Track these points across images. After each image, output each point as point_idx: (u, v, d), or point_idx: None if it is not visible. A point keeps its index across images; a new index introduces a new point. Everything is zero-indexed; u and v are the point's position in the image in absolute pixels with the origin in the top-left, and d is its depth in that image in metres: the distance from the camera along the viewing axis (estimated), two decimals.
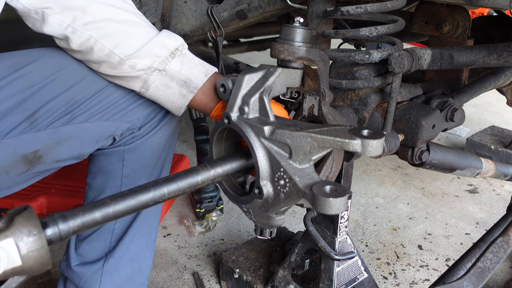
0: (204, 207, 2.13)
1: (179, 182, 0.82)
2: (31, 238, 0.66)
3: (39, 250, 0.66)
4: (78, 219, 0.72)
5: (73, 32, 1.04)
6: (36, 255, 0.66)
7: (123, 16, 1.07)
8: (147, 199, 0.79)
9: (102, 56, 1.05)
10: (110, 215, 0.75)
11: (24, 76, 1.05)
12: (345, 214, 1.40)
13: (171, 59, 1.06)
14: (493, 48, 1.18)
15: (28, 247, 0.65)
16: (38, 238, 0.66)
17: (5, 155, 1.03)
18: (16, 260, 0.65)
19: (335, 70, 1.24)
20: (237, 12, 1.59)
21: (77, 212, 0.72)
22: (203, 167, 0.86)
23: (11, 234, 0.65)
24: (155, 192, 0.79)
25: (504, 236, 1.38)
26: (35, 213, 0.68)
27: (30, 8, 1.04)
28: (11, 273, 0.65)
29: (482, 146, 2.73)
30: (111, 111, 1.13)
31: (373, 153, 0.73)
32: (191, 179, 0.83)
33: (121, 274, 1.29)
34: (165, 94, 1.09)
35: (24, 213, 0.67)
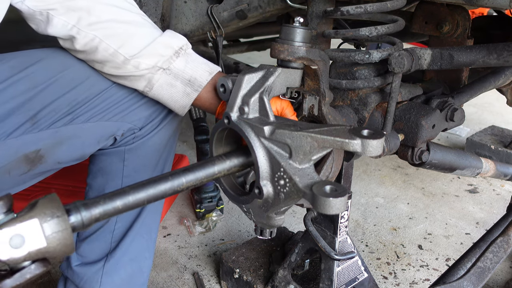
0: (204, 207, 2.13)
1: (196, 172, 0.83)
2: (55, 219, 0.66)
3: (63, 232, 0.66)
4: (100, 207, 0.73)
5: (78, 32, 1.04)
6: (60, 237, 0.66)
7: (128, 16, 1.07)
8: (166, 188, 0.80)
9: (107, 56, 1.05)
10: (131, 203, 0.76)
11: (27, 77, 1.05)
12: (345, 214, 1.40)
13: (175, 58, 1.06)
14: (493, 48, 1.18)
15: (53, 228, 0.66)
16: (62, 220, 0.66)
17: (7, 155, 1.04)
18: (41, 241, 0.65)
19: (335, 70, 1.24)
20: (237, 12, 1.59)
21: (99, 200, 0.73)
22: (219, 158, 0.87)
23: (35, 215, 0.65)
24: (173, 182, 0.81)
25: (504, 236, 1.38)
26: (57, 197, 0.69)
27: (35, 10, 1.05)
28: (36, 254, 0.65)
29: (482, 146, 2.73)
30: (112, 111, 1.13)
31: (373, 153, 0.73)
32: (208, 169, 0.85)
33: (121, 274, 1.30)
34: (169, 93, 1.09)
35: (47, 197, 0.68)
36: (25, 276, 0.67)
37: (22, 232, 0.64)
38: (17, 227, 0.64)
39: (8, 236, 0.63)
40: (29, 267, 0.67)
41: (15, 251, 0.64)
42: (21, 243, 0.64)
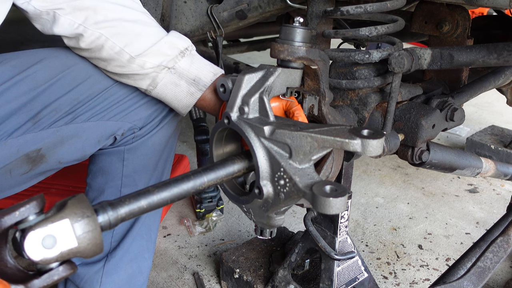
0: (204, 207, 2.13)
1: (217, 171, 0.85)
2: (85, 219, 0.67)
3: (93, 232, 0.67)
4: (126, 207, 0.73)
5: (84, 30, 1.05)
6: (91, 237, 0.67)
7: (134, 15, 1.08)
8: (188, 187, 0.81)
9: (112, 54, 1.05)
10: (155, 203, 0.77)
11: (29, 77, 1.06)
12: (345, 214, 1.40)
13: (180, 57, 1.07)
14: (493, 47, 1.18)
15: (83, 228, 0.66)
16: (92, 220, 0.67)
17: (9, 155, 1.04)
18: (72, 241, 0.65)
19: (335, 70, 1.24)
20: (236, 12, 1.59)
21: (124, 200, 0.74)
22: (239, 157, 0.89)
23: (66, 215, 0.65)
24: (196, 181, 0.82)
25: (504, 235, 1.38)
26: (86, 197, 0.70)
27: (41, 10, 1.06)
28: (67, 254, 0.66)
29: (482, 145, 2.73)
30: (113, 111, 1.13)
31: (373, 153, 0.73)
32: (229, 168, 0.87)
33: (121, 274, 1.30)
34: (172, 92, 1.09)
35: (76, 197, 0.69)
36: (53, 277, 0.68)
37: (54, 232, 0.64)
38: (49, 227, 0.64)
39: (41, 236, 0.64)
40: (57, 269, 0.68)
41: (47, 252, 0.64)
42: (53, 244, 0.64)
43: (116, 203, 0.73)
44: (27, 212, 0.65)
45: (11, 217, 0.65)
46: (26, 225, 0.65)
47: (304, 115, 0.98)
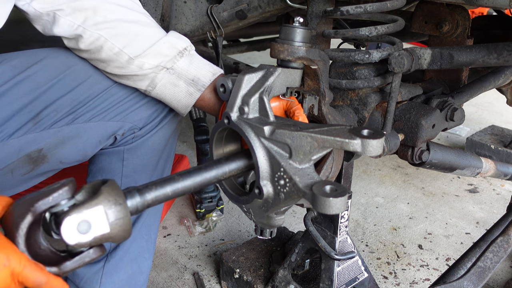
0: (204, 207, 2.13)
1: (238, 162, 0.88)
2: (118, 207, 0.69)
3: (124, 219, 0.70)
4: (152, 193, 0.76)
5: (83, 31, 1.05)
6: (122, 223, 0.70)
7: (133, 16, 1.08)
8: (211, 176, 0.84)
9: (111, 55, 1.06)
10: (179, 190, 0.80)
11: (30, 78, 1.06)
12: (345, 214, 1.40)
13: (179, 58, 1.07)
14: (492, 47, 1.18)
15: (116, 215, 0.69)
16: (123, 207, 0.70)
17: (10, 155, 1.05)
18: (105, 227, 0.68)
19: (335, 70, 1.24)
20: (236, 12, 1.59)
21: (151, 187, 0.76)
22: None
23: (100, 202, 0.68)
24: (218, 170, 0.85)
25: (504, 235, 1.38)
26: (117, 184, 0.72)
27: (42, 12, 1.06)
28: (100, 239, 0.69)
29: (482, 145, 2.73)
30: (114, 111, 1.13)
31: (373, 152, 0.73)
32: (249, 160, 0.88)
33: (121, 275, 1.30)
34: (171, 93, 1.10)
35: (109, 184, 0.71)
36: (84, 259, 0.71)
37: (89, 218, 0.67)
38: (84, 213, 0.67)
39: (76, 222, 0.66)
40: (88, 251, 0.71)
41: (82, 236, 0.67)
42: (88, 229, 0.67)
43: (143, 190, 0.75)
44: (60, 197, 0.69)
45: (45, 202, 0.68)
46: (58, 209, 0.69)
47: (305, 115, 0.98)
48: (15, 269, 0.67)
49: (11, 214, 0.70)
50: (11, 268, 0.67)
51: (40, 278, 0.69)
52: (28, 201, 0.69)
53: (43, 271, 0.69)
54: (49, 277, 0.70)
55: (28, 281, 0.68)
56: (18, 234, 0.68)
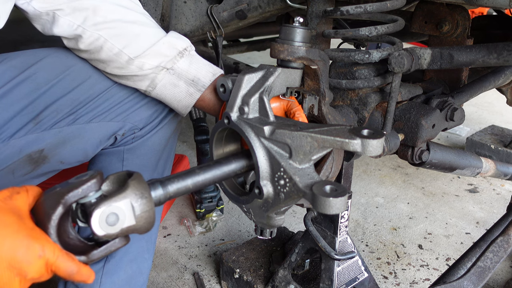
0: (204, 207, 2.13)
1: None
2: (144, 200, 0.72)
3: (149, 212, 0.73)
4: (174, 185, 0.79)
5: (83, 32, 1.05)
6: (147, 216, 0.73)
7: (133, 16, 1.08)
8: (229, 170, 0.86)
9: (111, 56, 1.05)
10: (200, 183, 0.82)
11: (30, 78, 1.06)
12: (345, 214, 1.40)
13: (179, 58, 1.07)
14: (492, 47, 1.18)
15: (141, 208, 0.72)
16: (149, 201, 0.73)
17: (11, 155, 1.05)
18: (131, 220, 0.71)
19: (335, 70, 1.24)
20: (236, 12, 1.59)
21: (173, 179, 0.79)
22: None
23: (127, 195, 0.71)
24: (237, 164, 0.87)
25: (504, 235, 1.38)
26: (143, 177, 0.75)
27: (41, 11, 1.06)
28: (126, 231, 0.72)
29: (482, 145, 2.73)
30: (114, 112, 1.13)
31: (373, 152, 0.73)
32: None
33: (120, 275, 1.30)
34: (171, 93, 1.09)
35: (135, 177, 0.74)
36: (110, 248, 0.75)
37: (117, 211, 0.70)
38: (113, 206, 0.70)
39: (105, 214, 0.69)
40: (113, 241, 0.74)
41: (110, 228, 0.70)
42: (116, 221, 0.70)
43: (165, 182, 0.78)
44: (88, 189, 0.71)
45: (75, 194, 0.71)
46: (86, 200, 0.71)
47: (305, 115, 0.98)
48: (49, 259, 0.69)
49: (42, 205, 0.73)
50: (46, 258, 0.69)
51: (72, 268, 0.71)
52: (59, 193, 0.71)
53: (74, 261, 0.72)
54: (79, 266, 0.72)
55: (60, 271, 0.70)
56: (50, 225, 0.71)
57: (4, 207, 0.70)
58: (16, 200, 0.72)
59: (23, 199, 0.73)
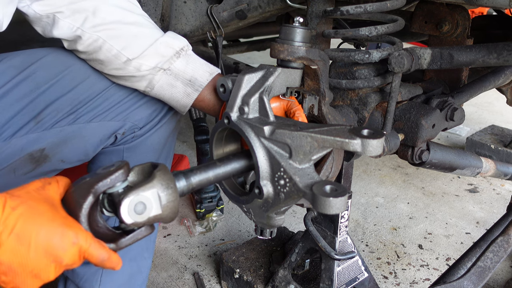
0: (204, 207, 2.13)
1: None
2: (169, 190, 0.75)
3: (174, 202, 0.76)
4: (196, 177, 0.82)
5: (82, 33, 1.06)
6: (172, 206, 0.76)
7: (132, 18, 1.08)
8: (250, 162, 0.88)
9: (109, 57, 1.06)
10: (220, 175, 0.86)
11: (30, 78, 1.07)
12: (345, 213, 1.40)
13: (176, 58, 1.07)
14: (492, 47, 1.18)
15: (167, 198, 0.75)
16: (174, 191, 0.76)
17: (13, 154, 1.05)
18: (157, 209, 0.74)
19: (335, 70, 1.24)
20: (236, 12, 1.59)
21: (195, 171, 0.83)
22: None
23: (154, 185, 0.74)
24: None
25: (504, 235, 1.38)
26: (168, 168, 0.77)
27: (41, 14, 1.06)
28: (152, 220, 0.75)
29: (482, 145, 2.73)
30: (114, 111, 1.14)
31: (373, 152, 0.73)
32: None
33: (120, 274, 1.30)
34: (169, 93, 1.10)
35: (161, 168, 0.76)
36: (137, 236, 0.77)
37: (144, 200, 0.73)
38: (141, 196, 0.73)
39: (134, 203, 0.72)
40: (140, 230, 0.77)
41: (138, 217, 0.73)
42: (143, 210, 0.73)
43: (188, 174, 0.81)
44: (116, 179, 0.74)
45: (104, 183, 0.73)
46: (114, 190, 0.74)
47: (305, 115, 0.98)
48: (82, 246, 0.72)
49: (72, 195, 0.75)
50: (79, 245, 0.71)
51: (103, 255, 0.74)
52: (89, 183, 0.74)
53: (105, 248, 0.75)
54: (110, 253, 0.75)
55: (93, 258, 0.73)
56: (81, 213, 0.73)
57: (38, 197, 0.72)
58: (48, 190, 0.75)
59: (55, 189, 0.76)
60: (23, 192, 0.73)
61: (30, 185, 0.75)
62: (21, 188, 0.74)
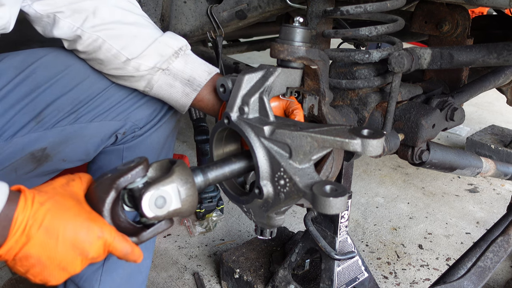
0: (204, 207, 2.13)
1: None
2: (188, 185, 0.77)
3: (192, 196, 0.78)
4: (213, 173, 0.84)
5: (82, 33, 1.06)
6: (191, 200, 0.78)
7: (131, 18, 1.09)
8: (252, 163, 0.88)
9: (109, 56, 1.06)
10: (236, 171, 0.87)
11: (30, 78, 1.08)
12: (345, 213, 1.40)
13: (174, 58, 1.07)
14: (492, 47, 1.18)
15: (186, 192, 0.77)
16: (192, 186, 0.78)
17: (14, 153, 1.06)
18: (177, 203, 0.76)
19: (335, 70, 1.24)
20: (236, 12, 1.59)
21: (212, 167, 0.85)
22: None
23: (174, 180, 0.76)
24: None
25: (504, 235, 1.38)
26: (186, 164, 0.79)
27: (42, 14, 1.07)
28: (172, 214, 0.77)
29: (482, 145, 2.73)
30: (115, 111, 1.14)
31: (373, 152, 0.73)
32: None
33: (120, 273, 1.30)
34: (168, 93, 1.10)
35: (179, 164, 0.78)
36: (158, 230, 0.79)
37: (164, 194, 0.75)
38: (161, 190, 0.75)
39: (154, 197, 0.74)
40: (160, 223, 0.79)
41: (158, 210, 0.75)
42: (163, 204, 0.75)
43: (205, 170, 0.84)
44: (137, 175, 0.76)
45: (125, 179, 0.75)
46: (134, 185, 0.76)
47: (302, 114, 0.98)
48: (107, 240, 0.74)
49: (95, 190, 0.78)
50: (104, 239, 0.74)
51: (127, 248, 0.76)
52: (111, 178, 0.76)
53: (129, 241, 0.77)
54: (133, 246, 0.77)
55: (117, 251, 0.76)
56: (105, 208, 0.76)
57: (63, 193, 0.75)
58: (73, 186, 0.78)
59: (78, 185, 0.79)
60: (49, 188, 0.75)
61: (55, 182, 0.77)
62: (47, 184, 0.76)
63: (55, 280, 0.74)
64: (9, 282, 1.73)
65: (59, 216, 0.71)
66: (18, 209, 0.69)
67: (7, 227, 0.69)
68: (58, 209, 0.72)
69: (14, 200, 0.70)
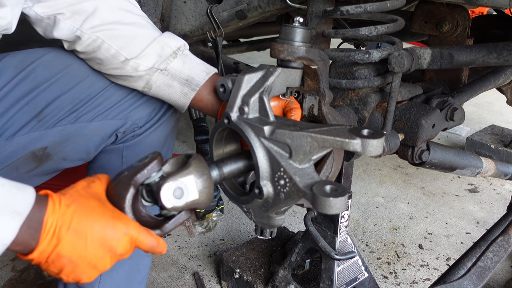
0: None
1: None
2: (205, 177, 0.79)
3: (209, 188, 0.80)
4: (228, 167, 0.87)
5: (81, 34, 1.07)
6: (207, 192, 0.80)
7: (131, 18, 1.10)
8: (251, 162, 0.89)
9: (108, 56, 1.07)
10: (250, 165, 0.89)
11: (30, 77, 1.08)
12: (345, 213, 1.40)
13: (172, 58, 1.08)
14: (492, 47, 1.18)
15: (203, 184, 0.79)
16: (208, 177, 0.80)
17: (15, 152, 1.07)
18: (194, 194, 0.78)
19: (335, 70, 1.24)
20: (236, 12, 1.59)
21: (226, 161, 0.87)
22: None
23: (191, 172, 0.78)
24: None
25: (504, 235, 1.38)
26: (203, 158, 0.81)
27: (43, 16, 1.08)
28: (190, 205, 0.79)
29: (482, 145, 2.73)
30: (115, 110, 1.15)
31: (373, 152, 0.73)
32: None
33: (120, 272, 1.30)
34: (167, 93, 1.11)
35: (196, 157, 0.81)
36: (179, 221, 0.82)
37: (182, 186, 0.77)
38: (179, 181, 0.77)
39: (173, 188, 0.76)
40: (180, 214, 0.82)
41: (177, 201, 0.77)
42: (181, 195, 0.77)
43: (220, 164, 0.86)
44: (152, 170, 0.79)
45: (142, 174, 0.78)
46: (150, 180, 0.79)
47: (300, 113, 0.98)
48: (133, 235, 0.77)
49: (114, 189, 0.80)
50: (130, 235, 0.77)
51: (153, 241, 0.79)
52: (128, 175, 0.78)
53: (153, 235, 0.79)
54: (158, 239, 0.80)
55: (143, 245, 0.78)
56: (126, 204, 0.78)
57: (86, 195, 0.78)
58: (94, 187, 0.80)
59: (99, 185, 0.81)
60: (73, 191, 0.78)
61: (77, 185, 0.79)
62: (69, 188, 0.79)
63: (87, 278, 0.77)
64: (9, 282, 1.73)
65: (85, 216, 0.74)
66: (47, 212, 0.72)
67: (38, 230, 0.71)
68: (83, 210, 0.74)
69: (41, 203, 0.72)
